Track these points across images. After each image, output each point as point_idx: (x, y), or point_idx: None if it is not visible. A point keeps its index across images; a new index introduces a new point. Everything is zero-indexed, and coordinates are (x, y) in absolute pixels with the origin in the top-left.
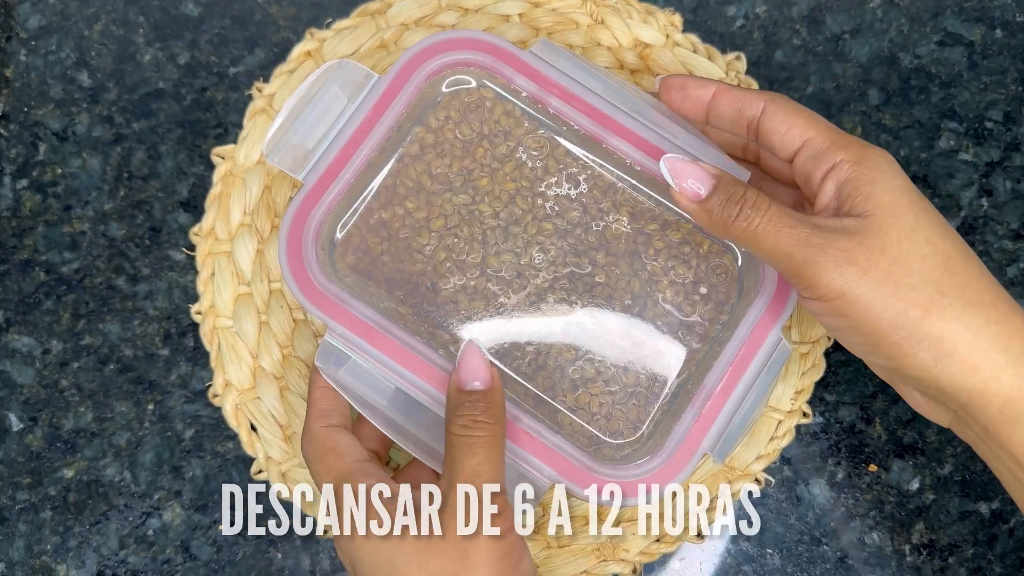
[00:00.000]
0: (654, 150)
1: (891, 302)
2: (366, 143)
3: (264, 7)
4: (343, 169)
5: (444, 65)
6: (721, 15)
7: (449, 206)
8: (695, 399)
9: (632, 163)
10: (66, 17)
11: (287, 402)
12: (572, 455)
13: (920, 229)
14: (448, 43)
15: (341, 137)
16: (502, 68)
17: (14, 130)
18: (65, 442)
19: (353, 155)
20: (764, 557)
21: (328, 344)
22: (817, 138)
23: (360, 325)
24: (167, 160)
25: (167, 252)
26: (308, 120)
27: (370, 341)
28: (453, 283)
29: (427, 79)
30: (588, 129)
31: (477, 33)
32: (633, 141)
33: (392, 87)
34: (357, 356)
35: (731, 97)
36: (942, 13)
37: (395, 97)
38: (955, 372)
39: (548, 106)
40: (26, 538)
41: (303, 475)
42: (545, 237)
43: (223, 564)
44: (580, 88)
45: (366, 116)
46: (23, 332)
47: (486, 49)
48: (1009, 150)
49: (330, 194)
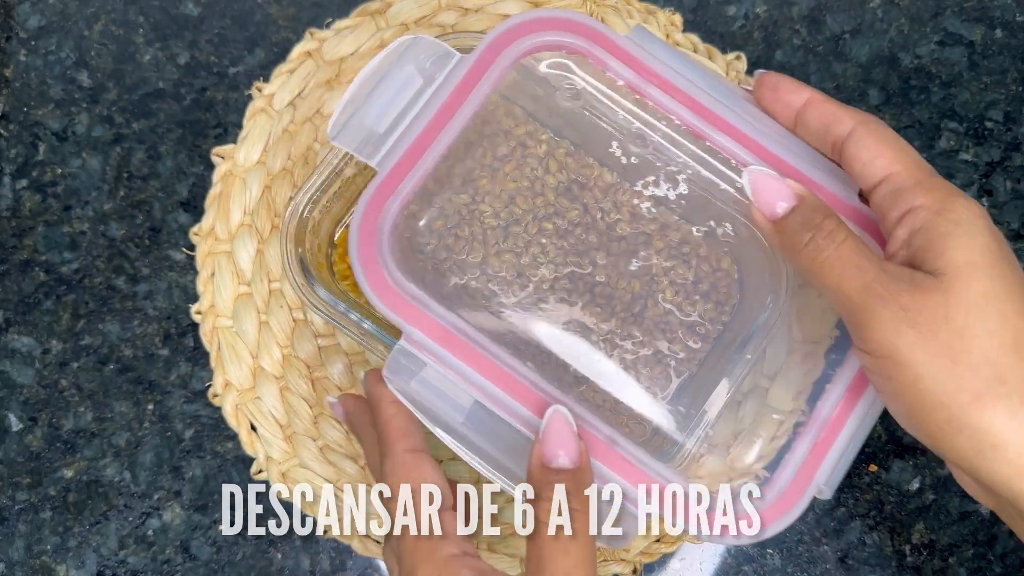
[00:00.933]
0: (761, 150)
1: (943, 378)
2: (447, 128)
3: (264, 7)
4: (422, 157)
5: (534, 46)
6: (721, 15)
7: (449, 206)
8: (807, 428)
9: (737, 163)
10: (66, 17)
11: (287, 402)
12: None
13: (994, 299)
14: (539, 22)
15: (419, 121)
16: (597, 52)
17: (14, 130)
18: (65, 442)
19: (433, 141)
20: (764, 557)
21: (403, 352)
22: (901, 174)
23: (440, 330)
24: (167, 160)
25: (167, 252)
26: (380, 101)
27: (451, 349)
28: (453, 283)
29: (514, 61)
30: (690, 124)
31: (571, 13)
32: (740, 139)
33: (476, 68)
34: (434, 365)
35: (822, 110)
36: (942, 13)
37: (480, 79)
38: (1000, 469)
39: (646, 97)
40: (26, 538)
41: (303, 475)
42: (545, 237)
43: (223, 564)
44: (680, 79)
45: (447, 99)
46: (23, 332)
47: (580, 31)
48: (1009, 150)
49: (407, 184)
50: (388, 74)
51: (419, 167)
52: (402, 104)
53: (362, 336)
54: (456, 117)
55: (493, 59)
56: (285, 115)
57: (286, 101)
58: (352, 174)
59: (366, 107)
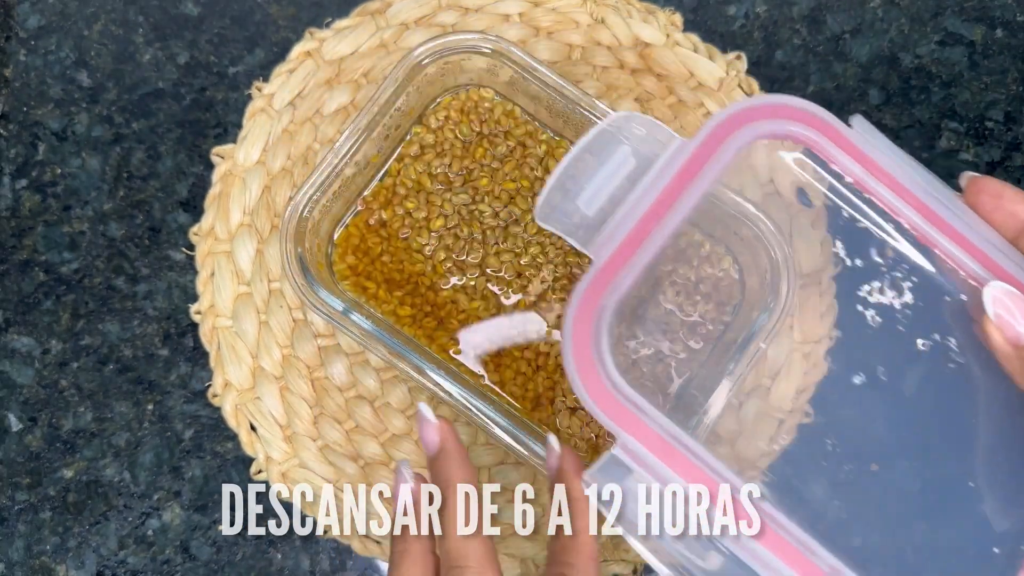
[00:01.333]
0: (989, 262)
1: None
2: (667, 219)
3: (264, 7)
4: (640, 247)
5: (757, 136)
6: (721, 14)
7: (449, 206)
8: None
9: (967, 276)
10: (66, 17)
11: (287, 402)
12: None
13: None
14: (763, 110)
15: (637, 209)
16: (824, 145)
17: (14, 130)
18: (65, 442)
19: (651, 232)
20: None
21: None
22: None
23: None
24: (167, 160)
25: (167, 252)
26: (593, 182)
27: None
28: (453, 283)
29: (737, 151)
30: (918, 227)
31: (797, 101)
32: (967, 248)
33: (698, 155)
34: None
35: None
36: (942, 13)
37: (701, 168)
38: None
39: (876, 196)
40: (26, 538)
41: (303, 475)
42: (545, 237)
43: (223, 564)
44: (906, 178)
45: (667, 187)
46: (23, 332)
47: (808, 121)
48: (1010, 150)
49: (625, 277)
50: (601, 153)
51: (637, 260)
52: (614, 185)
53: (362, 336)
54: (675, 208)
55: (716, 147)
56: (285, 115)
57: (286, 101)
58: (352, 174)
59: (578, 187)
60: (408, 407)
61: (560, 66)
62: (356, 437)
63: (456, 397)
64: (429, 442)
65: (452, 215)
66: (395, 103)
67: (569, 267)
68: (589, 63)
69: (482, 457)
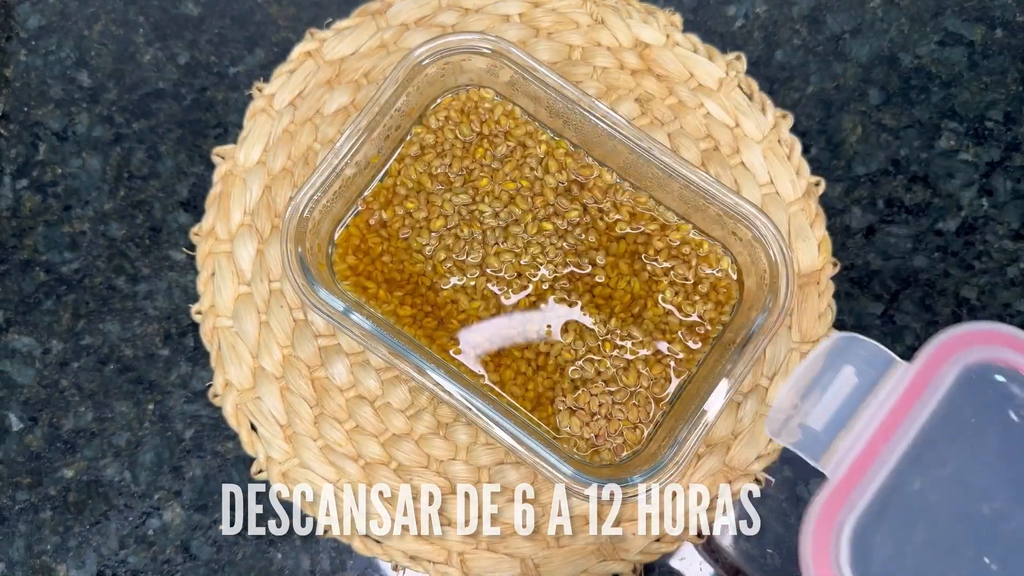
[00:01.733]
0: None
1: None
2: (895, 440)
3: (264, 7)
4: (870, 468)
5: (976, 362)
6: (721, 15)
7: (449, 206)
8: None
9: None
10: (66, 17)
11: (287, 402)
12: None
13: None
14: (979, 336)
15: (868, 429)
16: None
17: (14, 130)
18: (65, 442)
19: (879, 452)
20: (764, 557)
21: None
22: None
23: None
24: (167, 160)
25: (167, 252)
26: (821, 401)
27: None
28: (453, 283)
29: (956, 376)
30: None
31: (1009, 329)
32: None
33: (919, 378)
34: None
35: None
36: (942, 13)
37: (923, 389)
38: None
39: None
40: (26, 538)
41: (303, 475)
42: (545, 237)
43: (223, 564)
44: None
45: (892, 409)
46: (23, 332)
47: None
48: (1009, 150)
49: (860, 495)
50: (826, 373)
51: (869, 479)
52: (839, 402)
53: (362, 336)
54: (902, 430)
55: (935, 369)
56: (285, 115)
57: (286, 101)
58: (352, 174)
59: (806, 405)
60: (408, 407)
61: (560, 67)
62: (356, 437)
63: (456, 397)
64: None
65: (452, 215)
66: (395, 103)
67: (569, 267)
68: (589, 64)
69: (482, 457)
